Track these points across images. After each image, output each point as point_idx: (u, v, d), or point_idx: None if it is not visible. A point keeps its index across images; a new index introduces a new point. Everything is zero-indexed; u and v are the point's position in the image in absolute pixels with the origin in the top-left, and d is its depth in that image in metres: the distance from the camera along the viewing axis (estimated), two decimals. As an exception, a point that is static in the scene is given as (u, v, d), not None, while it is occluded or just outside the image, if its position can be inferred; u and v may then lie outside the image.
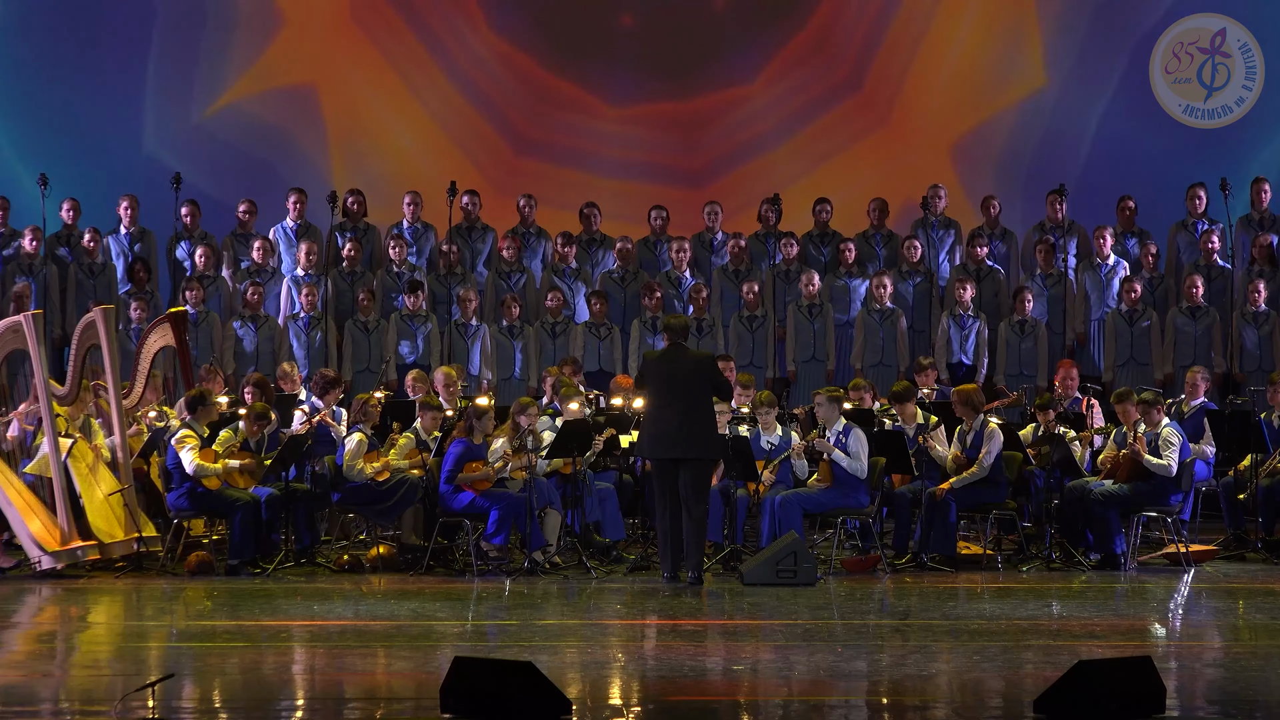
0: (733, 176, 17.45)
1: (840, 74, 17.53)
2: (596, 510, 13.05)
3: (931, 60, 17.52)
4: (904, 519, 12.98)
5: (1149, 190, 16.87)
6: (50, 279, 15.80)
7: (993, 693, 8.97)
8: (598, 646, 10.17)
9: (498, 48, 17.52)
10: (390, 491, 12.74)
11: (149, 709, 8.10)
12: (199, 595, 11.80)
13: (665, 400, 12.04)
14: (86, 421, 12.91)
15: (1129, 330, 15.54)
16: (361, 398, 13.18)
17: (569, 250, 16.06)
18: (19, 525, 12.41)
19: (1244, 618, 11.28)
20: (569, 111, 17.52)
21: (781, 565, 11.91)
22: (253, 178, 17.06)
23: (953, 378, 15.19)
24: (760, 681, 9.21)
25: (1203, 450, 13.45)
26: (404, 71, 17.52)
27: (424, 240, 16.34)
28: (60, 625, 11.21)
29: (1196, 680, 9.27)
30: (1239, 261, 15.98)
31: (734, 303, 15.92)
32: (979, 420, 12.85)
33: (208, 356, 15.16)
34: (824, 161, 17.46)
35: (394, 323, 15.64)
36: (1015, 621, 10.77)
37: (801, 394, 15.22)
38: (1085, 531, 12.77)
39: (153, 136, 17.24)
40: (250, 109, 17.38)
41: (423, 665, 9.41)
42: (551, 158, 17.50)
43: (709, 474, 12.27)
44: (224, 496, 12.52)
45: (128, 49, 17.25)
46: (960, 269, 16.07)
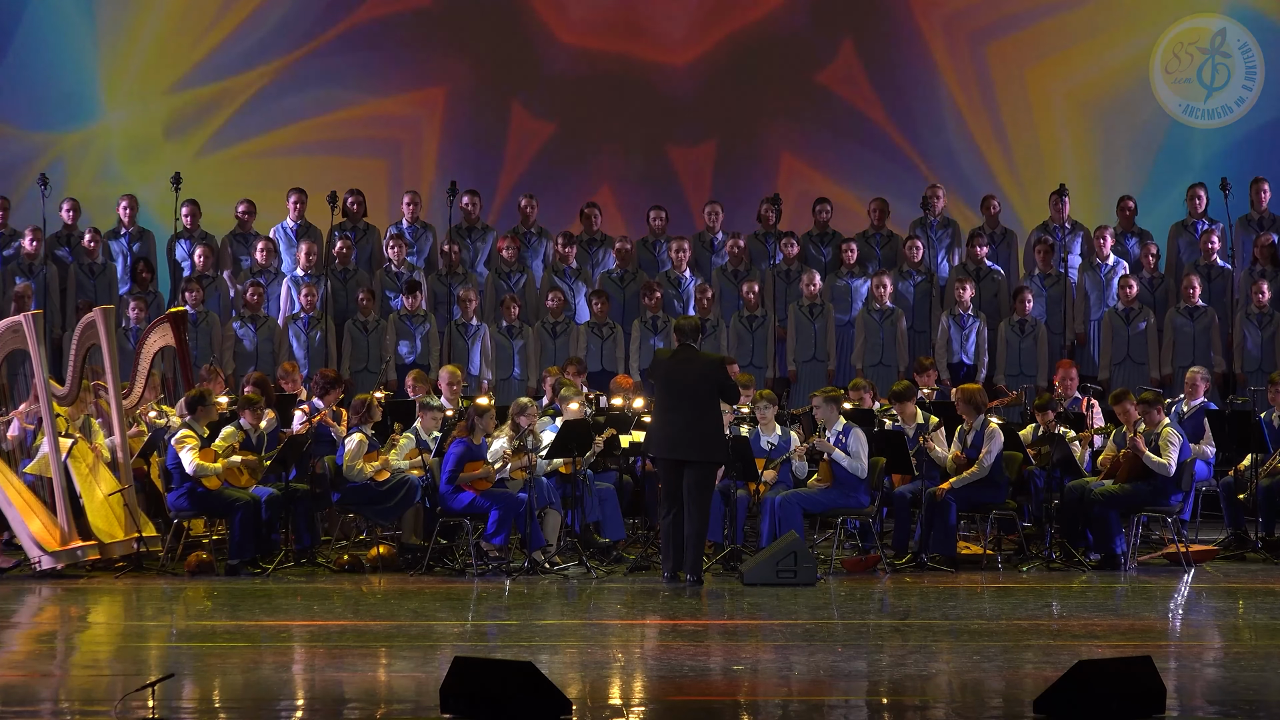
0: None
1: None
2: (596, 510, 13.05)
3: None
4: (904, 519, 12.98)
5: (1149, 190, 16.88)
6: (50, 279, 15.80)
7: (993, 693, 8.98)
8: (598, 646, 10.17)
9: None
10: (390, 492, 12.74)
11: (149, 709, 8.10)
12: (199, 595, 11.81)
13: (673, 401, 12.05)
14: (86, 421, 12.91)
15: (1126, 330, 15.53)
16: (362, 398, 13.18)
17: (569, 250, 16.06)
18: (19, 525, 12.41)
19: (1244, 618, 11.28)
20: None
21: (781, 565, 11.91)
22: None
23: (953, 378, 15.19)
24: (760, 681, 9.20)
25: (1203, 450, 13.45)
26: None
27: (423, 240, 16.34)
28: (60, 625, 11.21)
29: (1196, 680, 9.27)
30: (1240, 261, 15.98)
31: (733, 303, 15.92)
32: (980, 420, 12.85)
33: (208, 356, 15.16)
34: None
35: (393, 323, 15.64)
36: (1015, 621, 10.78)
37: (802, 394, 15.22)
38: (1085, 531, 12.77)
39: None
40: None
41: (423, 665, 9.41)
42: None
43: (712, 476, 12.27)
44: (224, 496, 12.52)
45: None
46: (960, 269, 16.07)
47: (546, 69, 17.58)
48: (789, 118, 17.57)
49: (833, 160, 17.50)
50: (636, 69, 17.52)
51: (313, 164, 17.16)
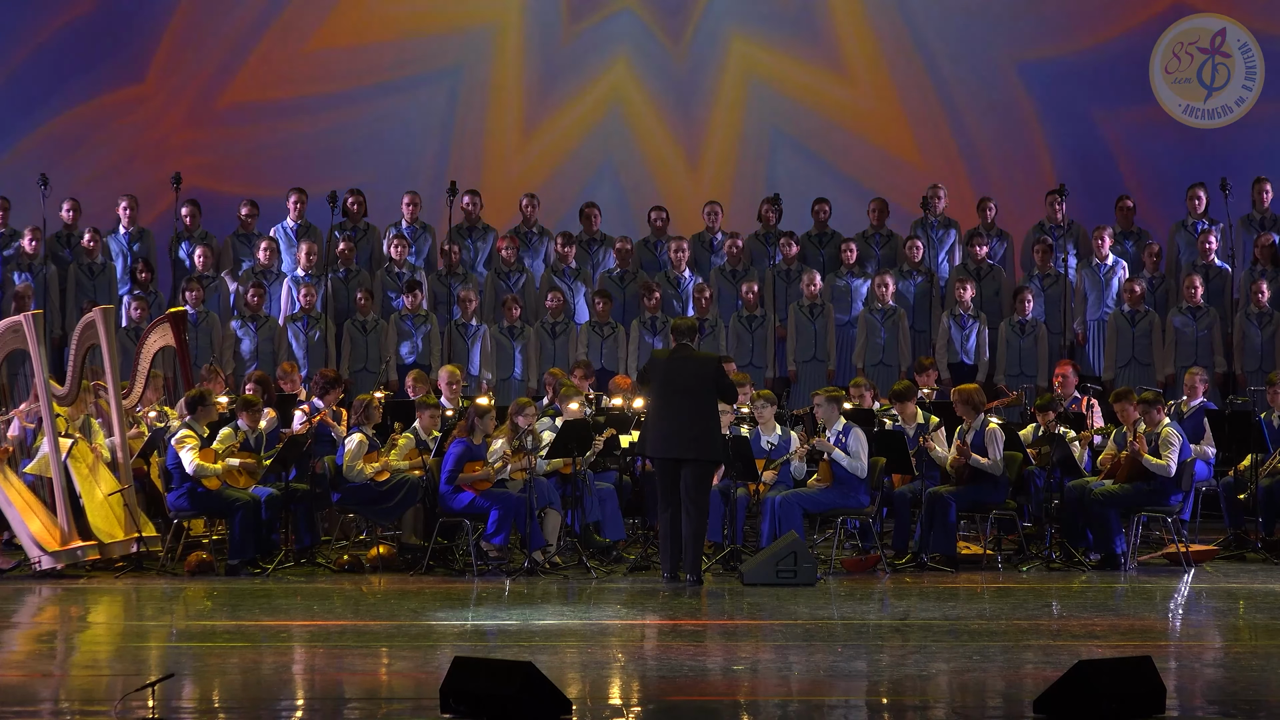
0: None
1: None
2: (596, 510, 13.05)
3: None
4: (904, 519, 12.98)
5: (1149, 190, 16.87)
6: (50, 279, 15.81)
7: (993, 693, 8.98)
8: (598, 646, 10.17)
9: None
10: (390, 492, 12.73)
11: (149, 709, 8.10)
12: (199, 595, 11.80)
13: (670, 401, 12.04)
14: (86, 421, 12.91)
15: (1130, 330, 15.53)
16: (363, 398, 13.18)
17: (569, 250, 16.06)
18: (19, 525, 12.41)
19: (1244, 618, 11.28)
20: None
21: (781, 565, 11.91)
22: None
23: (954, 377, 15.19)
24: (760, 681, 9.21)
25: (1203, 450, 13.45)
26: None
27: (423, 240, 16.34)
28: (60, 625, 11.21)
29: (1196, 680, 9.27)
30: (1240, 261, 15.98)
31: (732, 303, 15.92)
32: (979, 420, 12.85)
33: (208, 356, 15.16)
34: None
35: (393, 323, 15.64)
36: (1015, 621, 10.78)
37: (802, 394, 15.22)
38: (1085, 531, 12.77)
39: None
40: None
41: (423, 665, 9.41)
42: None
43: (710, 476, 12.26)
44: (224, 496, 12.52)
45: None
46: (960, 269, 16.07)
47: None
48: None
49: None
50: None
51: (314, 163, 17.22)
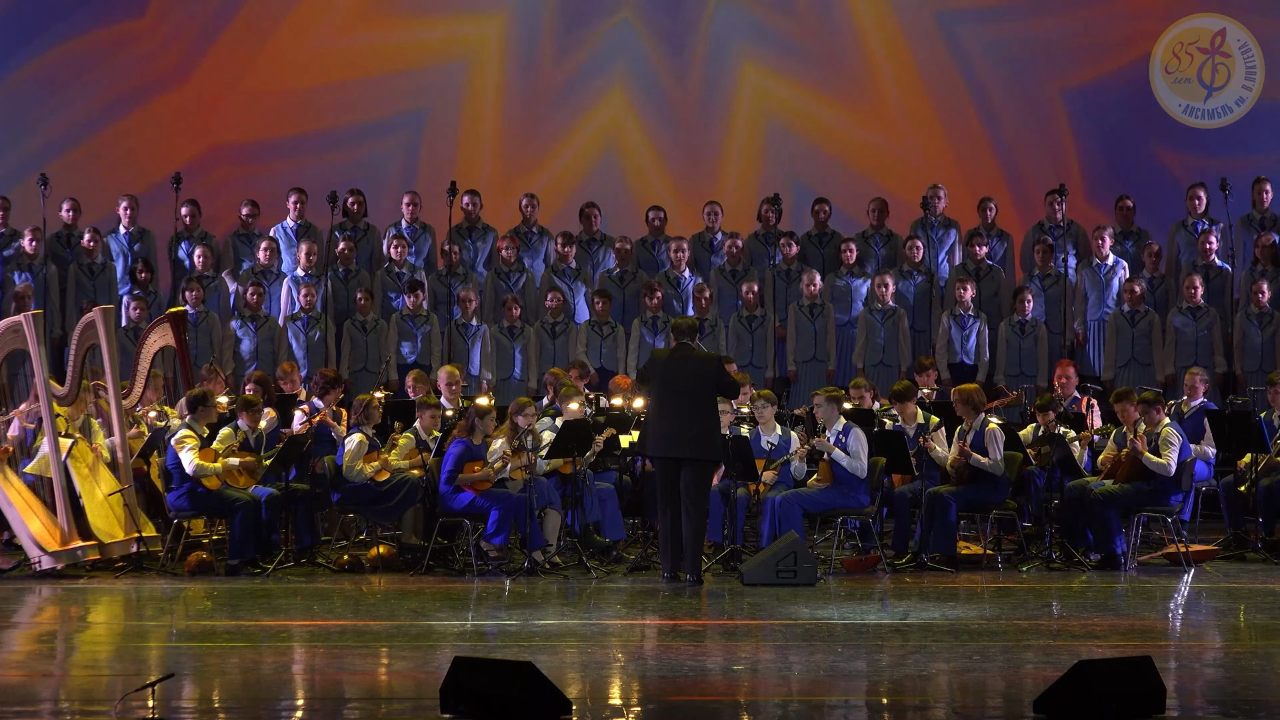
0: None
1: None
2: (596, 510, 13.04)
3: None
4: (904, 519, 12.98)
5: (1149, 190, 16.87)
6: (50, 279, 15.81)
7: (993, 693, 8.98)
8: (598, 646, 10.17)
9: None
10: (390, 492, 12.73)
11: (149, 709, 8.10)
12: (199, 595, 11.80)
13: (669, 400, 12.04)
14: (86, 421, 12.91)
15: (1130, 330, 15.53)
16: (363, 398, 13.18)
17: (569, 250, 16.06)
18: (19, 525, 12.41)
19: (1244, 618, 11.28)
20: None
21: (781, 565, 11.91)
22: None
23: (954, 378, 15.19)
24: (760, 681, 9.21)
25: (1203, 450, 13.45)
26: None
27: (423, 240, 16.34)
28: (60, 625, 11.21)
29: (1196, 680, 9.27)
30: (1241, 261, 15.98)
31: (732, 303, 15.92)
32: (979, 420, 12.85)
33: (208, 356, 15.16)
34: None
35: (394, 323, 15.64)
36: (1015, 621, 10.78)
37: (802, 394, 15.22)
38: (1085, 531, 12.77)
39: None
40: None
41: (423, 665, 9.41)
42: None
43: (710, 475, 12.27)
44: (224, 496, 12.51)
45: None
46: (960, 269, 16.07)
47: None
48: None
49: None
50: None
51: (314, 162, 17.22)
